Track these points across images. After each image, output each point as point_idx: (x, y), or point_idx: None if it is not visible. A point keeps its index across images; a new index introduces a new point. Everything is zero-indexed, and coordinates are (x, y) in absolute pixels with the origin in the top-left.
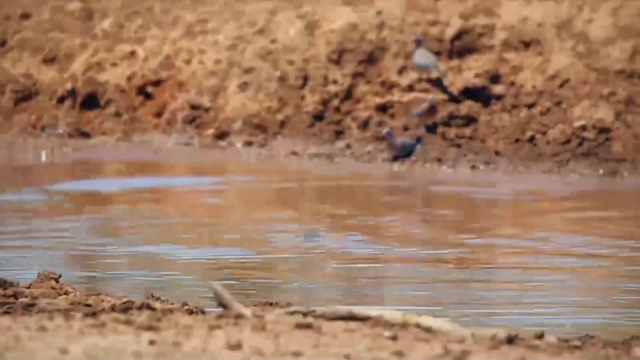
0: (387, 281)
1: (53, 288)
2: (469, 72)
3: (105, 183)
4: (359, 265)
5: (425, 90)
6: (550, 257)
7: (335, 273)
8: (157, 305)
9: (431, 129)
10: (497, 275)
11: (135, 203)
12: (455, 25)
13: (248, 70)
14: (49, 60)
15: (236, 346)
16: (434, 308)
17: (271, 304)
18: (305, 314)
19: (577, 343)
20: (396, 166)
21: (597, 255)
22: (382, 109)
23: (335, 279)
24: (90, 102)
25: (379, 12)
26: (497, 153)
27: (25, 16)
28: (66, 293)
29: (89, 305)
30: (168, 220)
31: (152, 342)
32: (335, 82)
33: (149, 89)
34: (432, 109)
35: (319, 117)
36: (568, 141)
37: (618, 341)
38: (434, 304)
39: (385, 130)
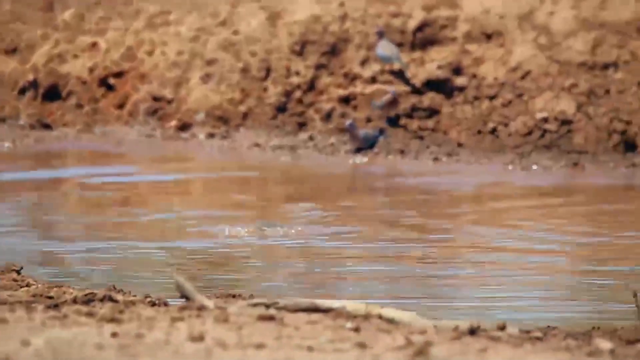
0: (349, 274)
1: (14, 280)
2: (432, 63)
3: (64, 172)
4: (321, 257)
5: (388, 82)
6: (512, 251)
7: (297, 265)
8: (119, 297)
9: (394, 120)
10: (459, 269)
11: (95, 195)
12: (418, 17)
13: (210, 62)
14: (10, 52)
15: (199, 338)
16: (396, 300)
17: (234, 296)
18: (267, 306)
19: (539, 334)
20: (359, 158)
21: (558, 249)
22: (345, 100)
23: (297, 271)
24: (52, 93)
25: (341, 4)
26: (459, 145)
27: None
28: (28, 285)
29: (50, 298)
30: (131, 212)
31: (114, 334)
32: (297, 73)
33: (111, 80)
34: (394, 101)
35: (281, 108)
36: (530, 133)
37: (579, 332)
38: (397, 296)
39: (348, 122)
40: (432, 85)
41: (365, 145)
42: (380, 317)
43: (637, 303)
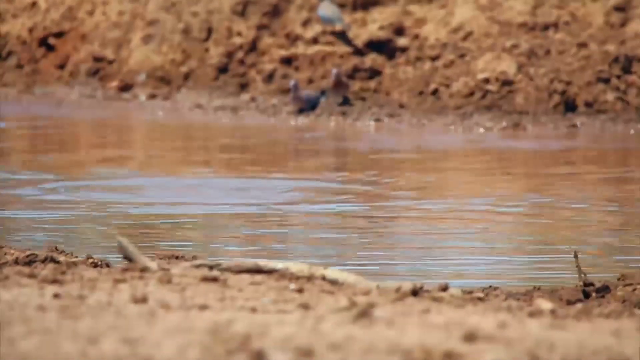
0: (292, 235)
1: None
2: (373, 24)
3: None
4: (264, 218)
5: (330, 43)
6: (455, 211)
7: (241, 226)
8: (61, 258)
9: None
10: (402, 229)
11: (39, 152)
12: None
13: (151, 22)
14: None
15: (142, 299)
16: (339, 261)
17: (177, 257)
18: (211, 267)
19: (481, 295)
20: (301, 119)
21: (500, 211)
22: (287, 61)
23: (241, 231)
24: None
25: None
26: (401, 106)
27: None
28: None
29: None
30: (72, 176)
31: (56, 296)
32: (239, 34)
33: (51, 40)
34: (339, 82)
35: (223, 69)
36: (471, 94)
37: (520, 292)
38: (340, 257)
39: (291, 81)
40: (374, 46)
41: (308, 107)
42: (323, 278)
43: (578, 263)
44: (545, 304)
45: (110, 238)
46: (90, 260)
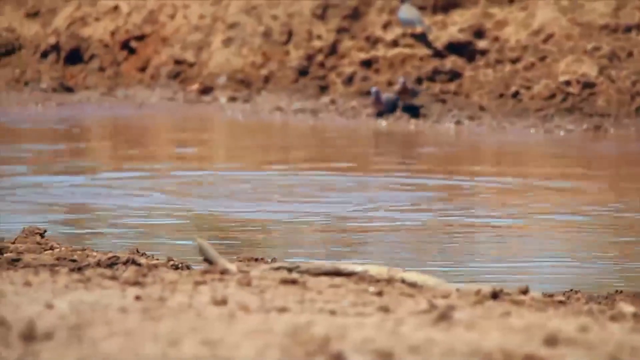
0: (372, 237)
1: (38, 243)
2: (453, 27)
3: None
4: (344, 221)
5: (410, 46)
6: (534, 213)
7: (320, 227)
8: (142, 260)
9: (416, 84)
10: (482, 232)
11: (122, 157)
12: None
13: (232, 26)
14: (32, 15)
15: (222, 302)
16: (418, 264)
17: (256, 260)
18: (290, 270)
19: (562, 298)
20: (380, 122)
21: (579, 211)
22: (367, 64)
23: (320, 233)
24: (74, 56)
25: None
26: (481, 108)
27: None
28: (51, 248)
29: (74, 261)
30: (153, 171)
31: (137, 298)
32: (319, 37)
33: (133, 44)
34: (405, 89)
35: (303, 72)
36: (552, 96)
37: (602, 296)
38: (419, 260)
39: (373, 89)
40: (454, 48)
41: (387, 109)
42: (403, 281)
43: None
44: (628, 308)
45: (191, 240)
46: (171, 263)
